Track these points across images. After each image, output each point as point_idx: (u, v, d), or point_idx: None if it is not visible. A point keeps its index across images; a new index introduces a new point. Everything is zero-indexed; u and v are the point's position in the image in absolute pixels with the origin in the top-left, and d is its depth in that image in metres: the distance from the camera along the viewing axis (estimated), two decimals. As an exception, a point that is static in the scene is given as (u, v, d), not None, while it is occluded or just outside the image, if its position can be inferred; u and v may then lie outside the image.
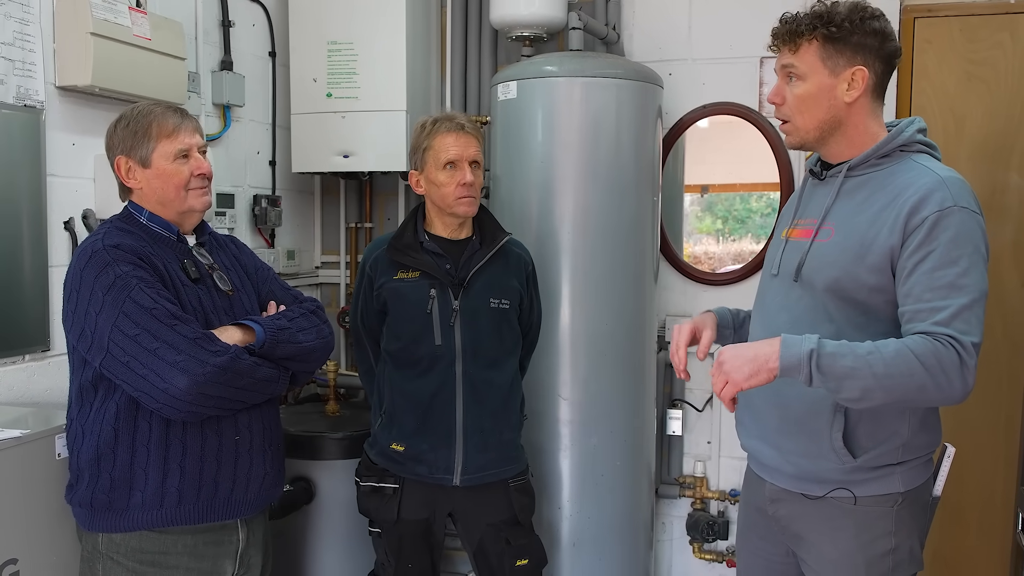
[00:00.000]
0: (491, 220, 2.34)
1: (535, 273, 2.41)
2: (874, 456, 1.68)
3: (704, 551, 3.22)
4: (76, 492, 1.80)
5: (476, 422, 2.22)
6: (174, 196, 1.86)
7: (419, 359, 2.22)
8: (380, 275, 2.27)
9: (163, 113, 1.86)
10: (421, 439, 2.22)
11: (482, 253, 2.25)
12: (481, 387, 2.23)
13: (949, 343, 1.50)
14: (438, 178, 2.20)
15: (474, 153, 2.22)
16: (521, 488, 2.33)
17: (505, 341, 2.29)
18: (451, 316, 2.20)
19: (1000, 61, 2.93)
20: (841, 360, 1.50)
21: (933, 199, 1.58)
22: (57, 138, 2.27)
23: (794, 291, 1.74)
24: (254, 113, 3.14)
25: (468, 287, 2.22)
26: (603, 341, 2.74)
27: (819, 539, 1.76)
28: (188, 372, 1.67)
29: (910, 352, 1.50)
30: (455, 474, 2.22)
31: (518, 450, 2.35)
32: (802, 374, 1.52)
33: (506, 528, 2.28)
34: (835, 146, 1.74)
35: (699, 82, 3.15)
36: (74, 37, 2.23)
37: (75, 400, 1.82)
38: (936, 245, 1.56)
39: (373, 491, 2.27)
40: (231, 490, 1.84)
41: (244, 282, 2.00)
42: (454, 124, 2.21)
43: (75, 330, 1.75)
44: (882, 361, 1.49)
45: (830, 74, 1.68)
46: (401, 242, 2.26)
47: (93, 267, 1.73)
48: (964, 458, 2.81)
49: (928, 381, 1.49)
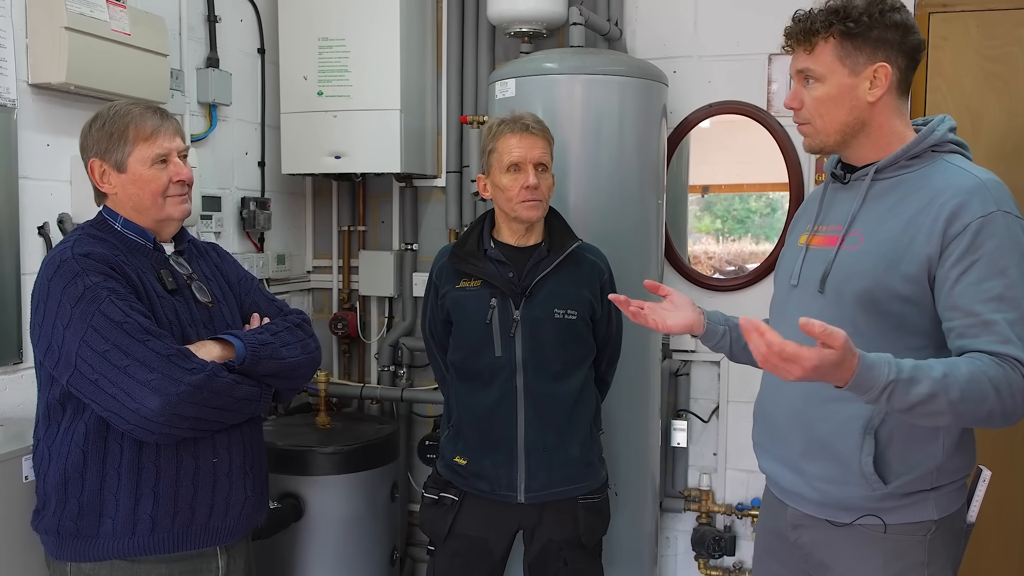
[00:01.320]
0: (562, 225, 2.24)
1: (612, 281, 2.29)
2: (907, 482, 1.57)
3: (710, 567, 3.12)
4: (43, 518, 1.70)
5: (539, 437, 2.12)
6: (151, 203, 1.75)
7: (480, 371, 2.14)
8: (444, 284, 2.20)
9: (141, 114, 1.75)
10: (483, 455, 2.15)
11: (549, 260, 2.15)
12: (544, 401, 2.13)
13: (1016, 366, 1.40)
14: (502, 181, 2.12)
15: (539, 155, 2.12)
16: (591, 507, 2.21)
17: (572, 353, 2.17)
18: (511, 327, 2.10)
19: (1019, 58, 2.83)
20: (916, 388, 1.35)
21: (974, 204, 1.47)
22: (30, 138, 2.17)
23: (817, 302, 1.62)
24: (242, 112, 3.03)
25: (531, 296, 2.12)
26: (606, 350, 2.63)
27: (846, 569, 1.64)
28: (160, 391, 1.57)
29: (985, 377, 1.38)
30: (519, 491, 2.12)
31: (591, 466, 2.22)
32: (868, 399, 1.36)
33: (568, 548, 2.18)
34: (859, 148, 1.63)
35: (705, 80, 3.05)
36: (47, 32, 2.13)
37: (42, 420, 1.72)
38: (981, 254, 1.45)
39: (433, 503, 2.20)
40: (209, 516, 1.74)
41: (226, 293, 1.89)
42: (519, 125, 2.12)
43: (42, 344, 1.65)
44: (958, 386, 1.37)
45: (850, 73, 1.57)
46: (463, 250, 2.18)
47: (61, 277, 1.63)
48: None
49: (997, 407, 1.39)
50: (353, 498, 2.66)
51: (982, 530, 2.84)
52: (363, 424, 3.00)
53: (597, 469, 2.25)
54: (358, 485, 2.66)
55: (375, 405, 3.35)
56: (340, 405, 3.32)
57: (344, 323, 3.31)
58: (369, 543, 2.64)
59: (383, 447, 2.81)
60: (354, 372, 3.46)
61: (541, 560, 2.19)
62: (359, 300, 3.40)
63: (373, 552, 2.74)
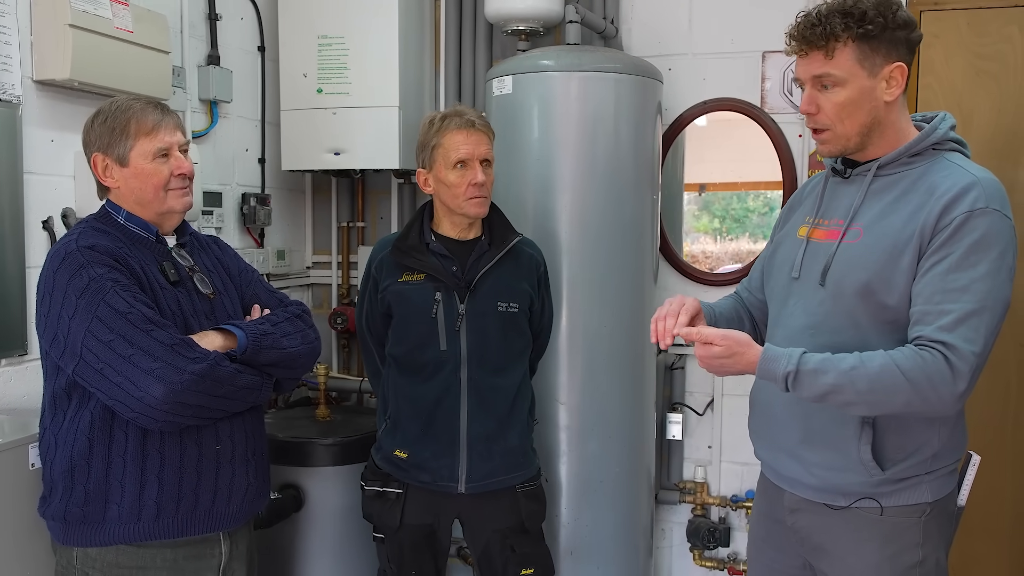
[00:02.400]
0: (502, 220, 2.26)
1: (547, 274, 2.34)
2: (903, 468, 1.62)
3: (705, 558, 3.15)
4: (50, 505, 1.73)
5: (481, 429, 2.15)
6: (153, 197, 1.78)
7: (423, 364, 2.15)
8: (385, 277, 2.20)
9: (142, 109, 1.78)
10: (424, 447, 2.16)
11: (491, 254, 2.17)
12: (487, 393, 2.16)
13: (940, 352, 1.46)
14: (448, 178, 2.12)
15: (485, 151, 2.14)
16: (530, 494, 2.26)
17: (513, 346, 2.22)
18: (456, 320, 2.13)
19: (1009, 55, 2.86)
20: (822, 378, 1.50)
21: (966, 199, 1.51)
22: (35, 134, 2.20)
23: (818, 295, 1.66)
24: (242, 109, 3.06)
25: (475, 290, 2.15)
26: (602, 343, 2.67)
27: (843, 551, 1.68)
28: (164, 380, 1.60)
29: (895, 367, 1.47)
30: (460, 482, 2.15)
31: (527, 455, 2.27)
32: (779, 387, 1.54)
33: (512, 535, 2.22)
34: (870, 148, 1.65)
35: (700, 77, 3.08)
36: (52, 29, 2.15)
37: (48, 408, 1.75)
38: (958, 247, 1.49)
39: (377, 496, 2.22)
40: (212, 502, 1.77)
41: (227, 285, 1.93)
42: (464, 121, 2.12)
43: (48, 335, 1.68)
44: (866, 377, 1.48)
45: (869, 75, 1.57)
46: (406, 243, 2.18)
47: (66, 269, 1.66)
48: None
49: (914, 396, 1.47)
50: (352, 489, 2.67)
51: (974, 516, 2.89)
52: (362, 417, 3.03)
53: (532, 458, 2.30)
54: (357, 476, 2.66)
55: (374, 399, 3.38)
56: (339, 399, 3.35)
57: (343, 318, 3.34)
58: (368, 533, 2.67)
59: (381, 439, 2.84)
60: (353, 366, 3.49)
61: (487, 554, 2.23)
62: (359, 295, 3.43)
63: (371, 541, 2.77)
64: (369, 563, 2.78)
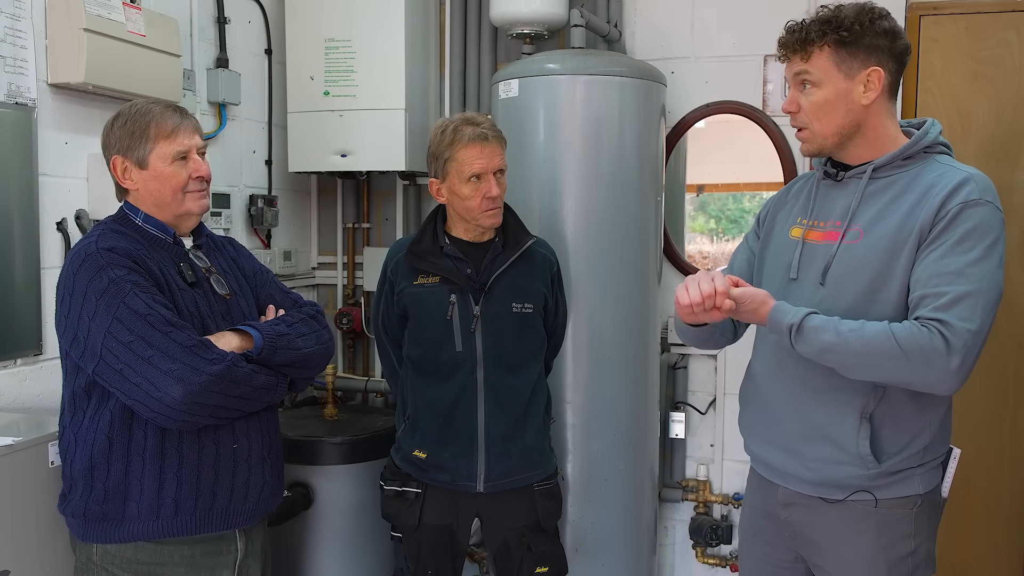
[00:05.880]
0: (515, 222, 2.27)
1: (560, 273, 2.37)
2: (899, 460, 1.67)
3: (707, 556, 3.18)
4: (70, 502, 1.75)
5: (498, 429, 2.18)
6: (171, 199, 1.81)
7: (440, 366, 2.18)
8: (400, 280, 2.22)
9: (162, 113, 1.80)
10: (442, 447, 2.19)
11: (505, 256, 2.19)
12: (503, 393, 2.19)
13: (937, 329, 1.51)
14: (462, 191, 2.13)
15: (499, 162, 2.15)
16: (546, 492, 2.29)
17: (528, 346, 2.24)
18: (472, 322, 2.15)
19: (1007, 59, 2.89)
20: (822, 335, 1.57)
21: (961, 192, 1.58)
22: (49, 137, 2.22)
23: (817, 294, 1.71)
24: (250, 112, 3.09)
25: (489, 292, 2.17)
26: (606, 343, 2.70)
27: (838, 543, 1.73)
28: (183, 381, 1.63)
29: (891, 334, 1.53)
30: (478, 481, 2.18)
31: (544, 454, 2.30)
32: (785, 341, 1.61)
33: (529, 534, 2.25)
34: (854, 149, 1.72)
35: (702, 80, 3.11)
36: (67, 33, 2.18)
37: (68, 407, 1.77)
38: (953, 235, 1.56)
39: (396, 495, 2.25)
40: (229, 500, 1.80)
41: (242, 285, 1.95)
42: (477, 133, 2.11)
43: (68, 335, 1.71)
44: (860, 340, 1.54)
45: (845, 78, 1.66)
46: (420, 247, 2.20)
47: (87, 271, 1.68)
48: (969, 460, 2.78)
49: (905, 365, 1.52)
50: (361, 486, 2.72)
51: (974, 515, 2.94)
52: (369, 416, 3.06)
53: (549, 456, 2.32)
54: (365, 474, 2.72)
55: (379, 399, 3.42)
56: (345, 398, 3.38)
57: (349, 318, 3.37)
58: (376, 530, 2.70)
59: (389, 437, 2.86)
60: (358, 366, 3.52)
61: (505, 550, 2.26)
62: (363, 296, 3.46)
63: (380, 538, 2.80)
64: (378, 560, 2.81)
